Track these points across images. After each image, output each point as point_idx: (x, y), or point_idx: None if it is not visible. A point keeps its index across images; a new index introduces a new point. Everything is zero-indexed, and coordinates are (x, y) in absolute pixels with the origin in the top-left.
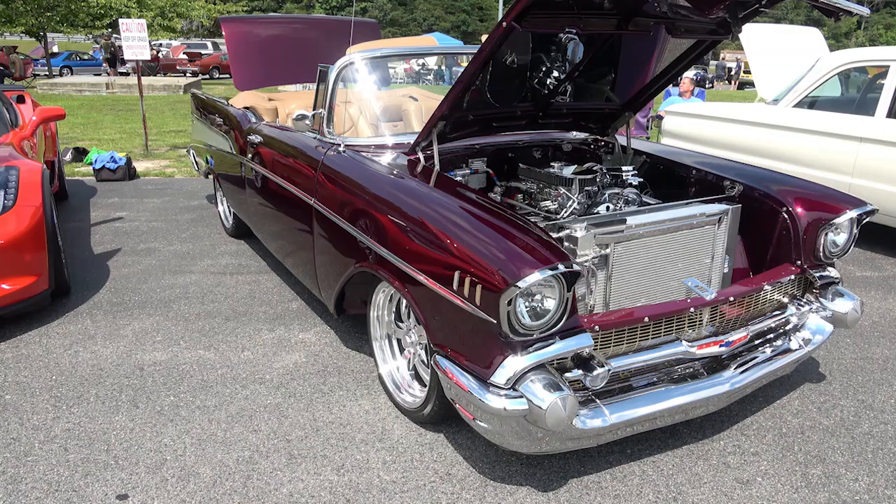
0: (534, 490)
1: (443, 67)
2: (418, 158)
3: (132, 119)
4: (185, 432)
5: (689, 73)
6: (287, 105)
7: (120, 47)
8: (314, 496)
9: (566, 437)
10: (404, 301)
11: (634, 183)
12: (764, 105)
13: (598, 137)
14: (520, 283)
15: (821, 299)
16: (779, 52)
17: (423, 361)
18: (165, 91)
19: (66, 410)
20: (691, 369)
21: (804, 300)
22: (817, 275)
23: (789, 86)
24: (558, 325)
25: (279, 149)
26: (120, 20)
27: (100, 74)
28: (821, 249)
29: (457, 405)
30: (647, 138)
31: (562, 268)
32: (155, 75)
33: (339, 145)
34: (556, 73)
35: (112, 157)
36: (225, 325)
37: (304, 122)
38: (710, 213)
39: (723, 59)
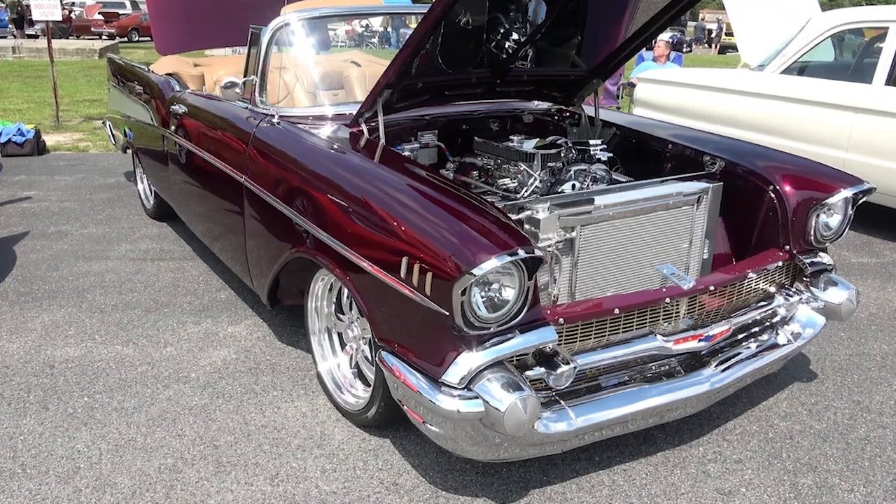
0: (491, 502)
1: (389, 29)
2: (361, 131)
3: (42, 87)
4: (100, 437)
5: (665, 36)
6: (215, 71)
7: (28, 6)
8: None
9: (527, 442)
10: (346, 290)
11: (603, 158)
12: (748, 71)
13: (563, 107)
14: (475, 271)
15: (812, 288)
16: (765, 11)
17: (366, 358)
18: (79, 56)
19: None
20: (667, 367)
21: (793, 290)
22: (808, 261)
23: (776, 50)
24: (518, 318)
25: (206, 120)
26: None
27: (5, 37)
28: (812, 233)
29: (405, 407)
30: (618, 108)
31: (522, 253)
32: (67, 38)
33: (273, 116)
34: (515, 36)
35: (19, 129)
36: (145, 318)
37: (233, 91)
38: (687, 192)
39: (702, 19)
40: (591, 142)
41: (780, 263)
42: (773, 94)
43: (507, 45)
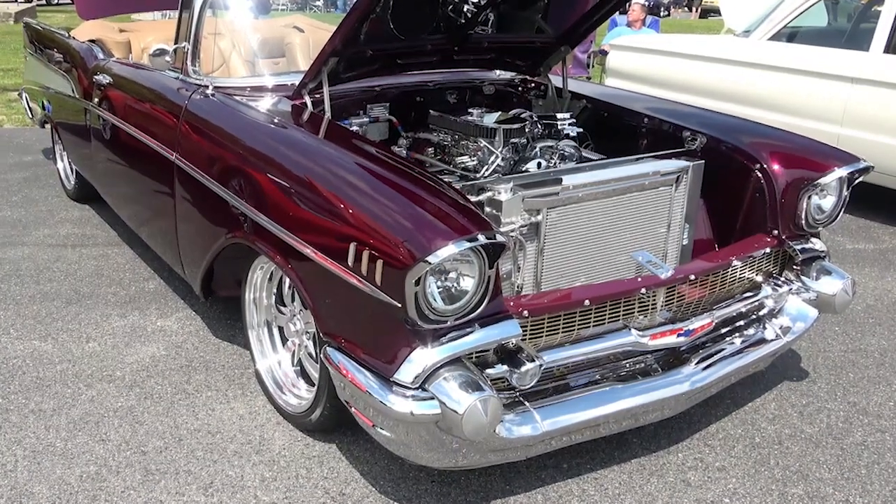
0: None
1: None
2: (305, 104)
3: None
4: (15, 442)
5: None
6: (142, 38)
7: None
8: None
9: (488, 448)
10: (288, 280)
11: (572, 134)
12: (732, 38)
13: (528, 78)
14: (430, 258)
15: (803, 278)
16: None
17: (310, 355)
18: None
19: None
20: (643, 365)
21: (782, 279)
22: (798, 247)
23: (763, 14)
24: (478, 310)
25: (133, 91)
26: None
27: None
28: (803, 216)
29: (352, 409)
30: (589, 79)
31: (482, 239)
32: None
33: (207, 87)
34: None
35: None
36: (65, 310)
37: (163, 59)
38: (665, 171)
39: None
40: (559, 115)
41: (768, 250)
42: (760, 62)
43: (465, 9)
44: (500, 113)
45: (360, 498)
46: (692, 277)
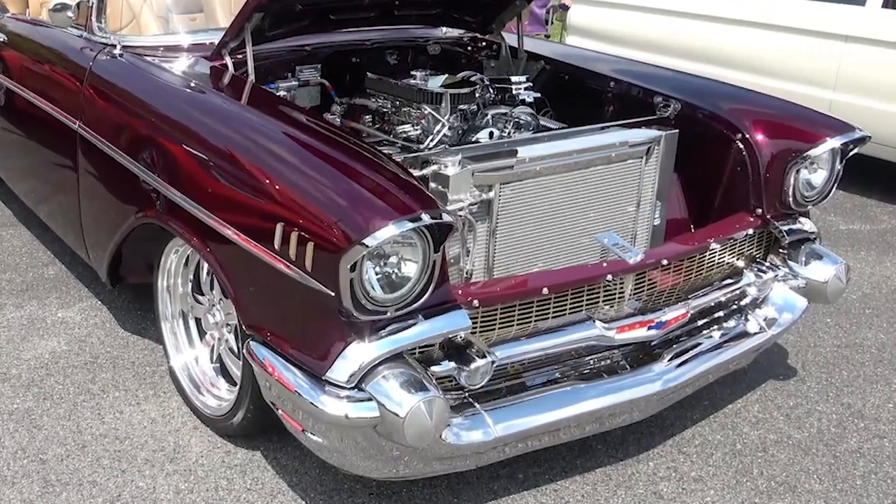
0: None
1: None
2: (225, 65)
3: None
4: None
5: None
6: None
7: None
8: None
9: (433, 455)
10: (206, 265)
11: (529, 100)
12: None
13: (479, 36)
14: (367, 240)
15: (790, 263)
16: None
17: (231, 350)
18: None
19: None
20: (609, 361)
21: (767, 264)
22: (785, 228)
23: None
24: (422, 300)
25: (30, 52)
26: None
27: None
28: (790, 193)
29: (279, 411)
30: (547, 37)
31: (427, 218)
32: None
33: (115, 47)
34: None
35: None
36: None
37: (64, 15)
38: (634, 141)
39: None
40: (514, 79)
41: (751, 231)
42: (742, 18)
43: None
44: (446, 76)
45: None
46: (664, 262)
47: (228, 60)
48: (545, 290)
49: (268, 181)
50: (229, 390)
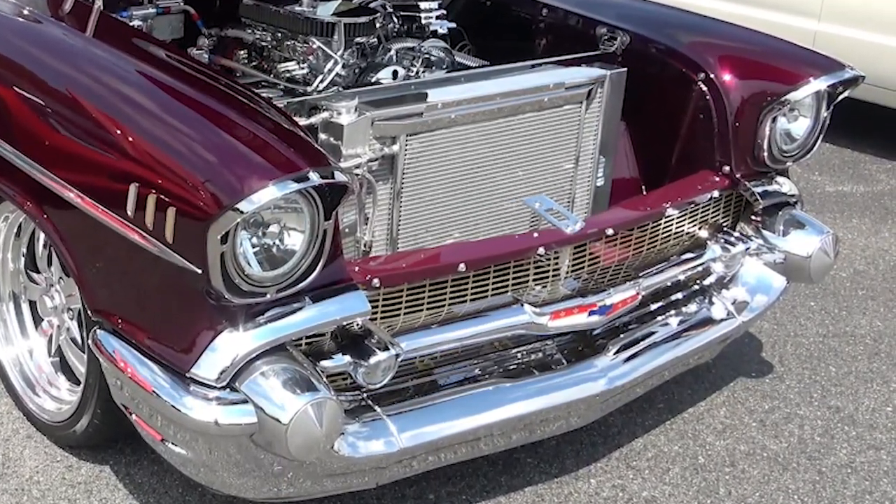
0: None
1: None
2: None
3: None
4: None
5: None
6: None
7: None
8: None
9: (324, 471)
10: (42, 236)
11: (442, 31)
12: None
13: None
14: (242, 205)
15: (765, 233)
16: None
17: (74, 341)
18: None
19: None
20: (540, 355)
21: (736, 235)
22: (759, 190)
23: None
24: (309, 278)
25: None
26: None
27: None
28: (765, 146)
29: (133, 416)
30: None
31: (315, 178)
32: None
33: None
34: None
35: None
36: None
37: None
38: (572, 82)
39: None
40: (423, 5)
41: (717, 194)
42: None
43: None
44: (339, 1)
45: None
46: (609, 232)
47: None
48: (462, 267)
49: (119, 132)
50: (71, 391)
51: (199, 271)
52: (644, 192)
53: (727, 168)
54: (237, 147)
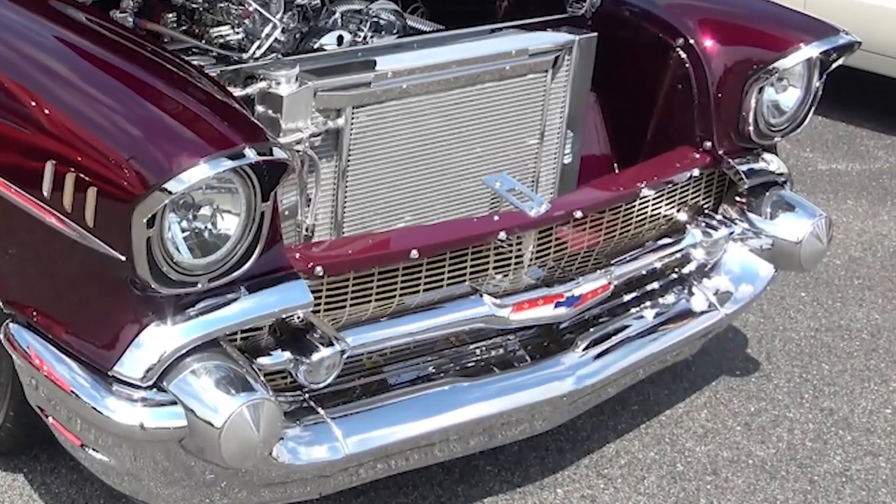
0: None
1: None
2: None
3: None
4: None
5: None
6: None
7: None
8: None
9: (262, 480)
10: None
11: None
12: None
13: None
14: (170, 185)
15: (750, 216)
16: None
17: None
18: None
19: None
20: (502, 351)
21: (718, 218)
22: (743, 168)
23: None
24: (245, 266)
25: None
26: None
27: None
28: (751, 120)
29: (50, 419)
30: None
31: (252, 154)
32: None
33: None
34: None
35: None
36: None
37: None
38: (537, 48)
39: None
40: None
41: (697, 172)
42: None
43: None
44: None
45: None
46: (578, 215)
47: None
48: (414, 254)
49: (33, 104)
50: None
51: (123, 258)
52: (616, 171)
53: (708, 144)
54: (165, 120)
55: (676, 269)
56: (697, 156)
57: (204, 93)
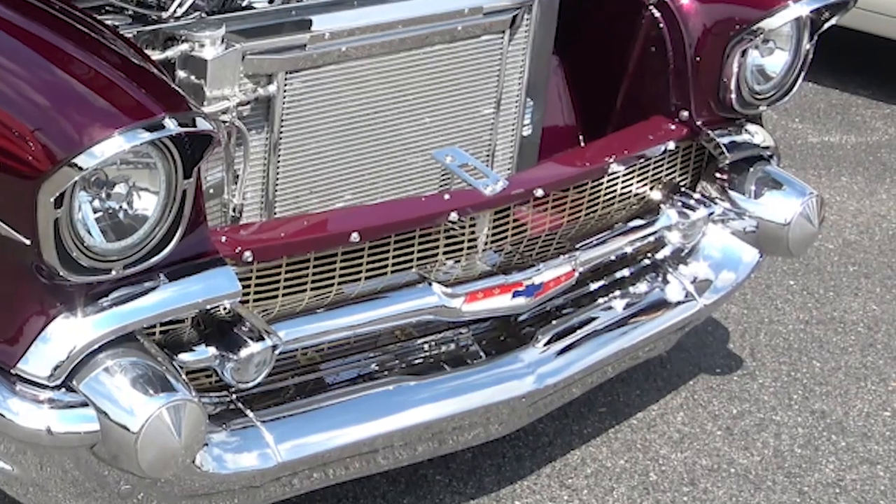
0: None
1: None
2: None
3: None
4: None
5: None
6: None
7: None
8: None
9: (183, 490)
10: None
11: None
12: None
13: None
14: (81, 159)
15: (732, 194)
16: None
17: None
18: None
19: None
20: (453, 346)
21: (696, 196)
22: (725, 141)
23: None
24: (165, 251)
25: None
26: None
27: None
28: (732, 86)
29: None
30: None
31: (172, 125)
32: None
33: None
34: None
35: None
36: None
37: None
38: (492, 7)
39: None
40: None
41: (672, 145)
42: None
43: None
44: None
45: None
46: (539, 193)
47: None
48: (355, 237)
49: None
50: None
51: (28, 242)
52: (582, 144)
53: (685, 114)
54: (74, 87)
55: (649, 255)
56: (673, 127)
57: (118, 56)
